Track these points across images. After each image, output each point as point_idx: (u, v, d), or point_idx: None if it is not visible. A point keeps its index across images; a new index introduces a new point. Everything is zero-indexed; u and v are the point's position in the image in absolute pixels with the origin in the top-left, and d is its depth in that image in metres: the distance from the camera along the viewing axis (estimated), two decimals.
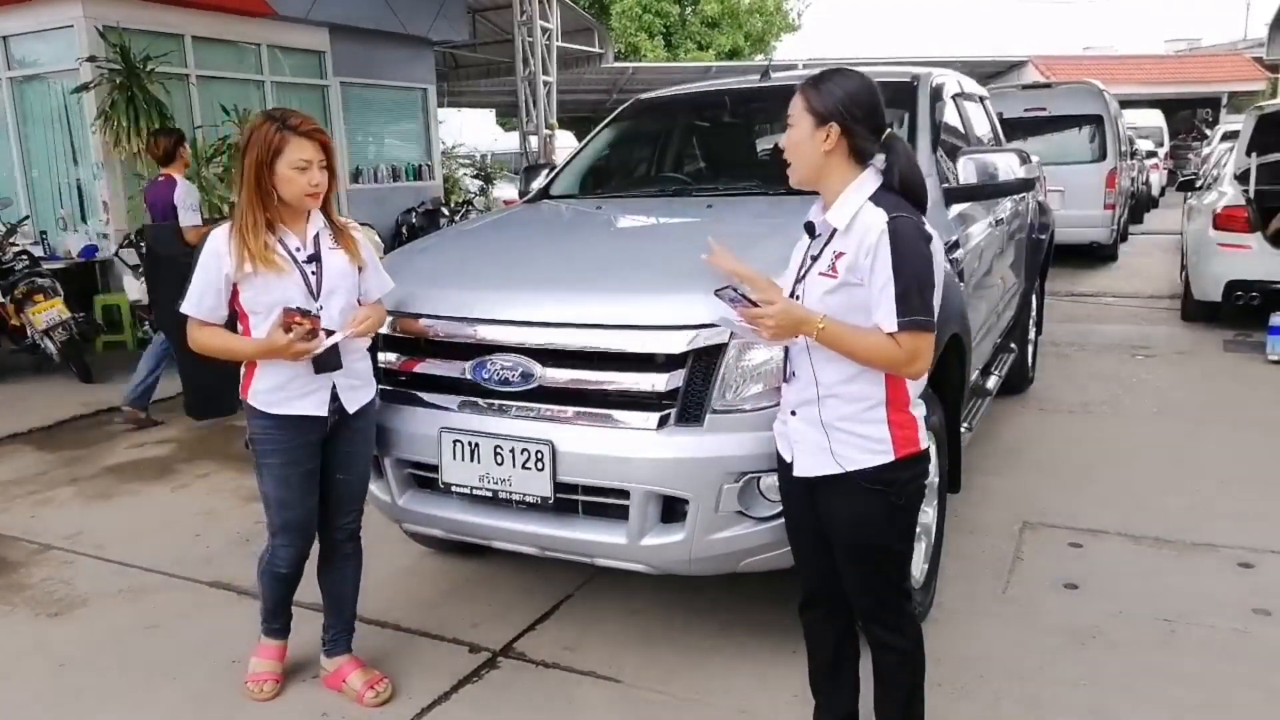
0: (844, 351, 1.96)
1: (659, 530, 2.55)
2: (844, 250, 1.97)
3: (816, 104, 2.00)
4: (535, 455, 2.58)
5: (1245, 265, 7.01)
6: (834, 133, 1.98)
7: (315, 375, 2.53)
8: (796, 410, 2.10)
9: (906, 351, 1.92)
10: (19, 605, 3.49)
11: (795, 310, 1.95)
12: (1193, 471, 4.39)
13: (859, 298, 1.95)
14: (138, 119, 7.98)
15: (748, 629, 3.08)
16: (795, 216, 3.14)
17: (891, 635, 2.18)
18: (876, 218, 1.93)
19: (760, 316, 1.94)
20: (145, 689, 2.88)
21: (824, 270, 2.00)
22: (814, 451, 2.07)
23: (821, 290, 1.99)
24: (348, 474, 2.70)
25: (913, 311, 1.90)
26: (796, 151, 2.04)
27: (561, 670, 2.90)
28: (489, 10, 14.48)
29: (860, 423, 2.01)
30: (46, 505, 4.54)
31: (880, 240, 1.91)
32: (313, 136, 2.47)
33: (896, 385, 2.01)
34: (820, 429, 2.05)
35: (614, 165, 4.47)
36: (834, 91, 2.00)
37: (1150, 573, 3.40)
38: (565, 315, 2.62)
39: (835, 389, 2.02)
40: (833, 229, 2.02)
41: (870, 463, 2.01)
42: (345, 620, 2.86)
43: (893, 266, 1.89)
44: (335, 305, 2.55)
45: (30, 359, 7.26)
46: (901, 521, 2.10)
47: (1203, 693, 2.66)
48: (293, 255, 2.52)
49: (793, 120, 2.04)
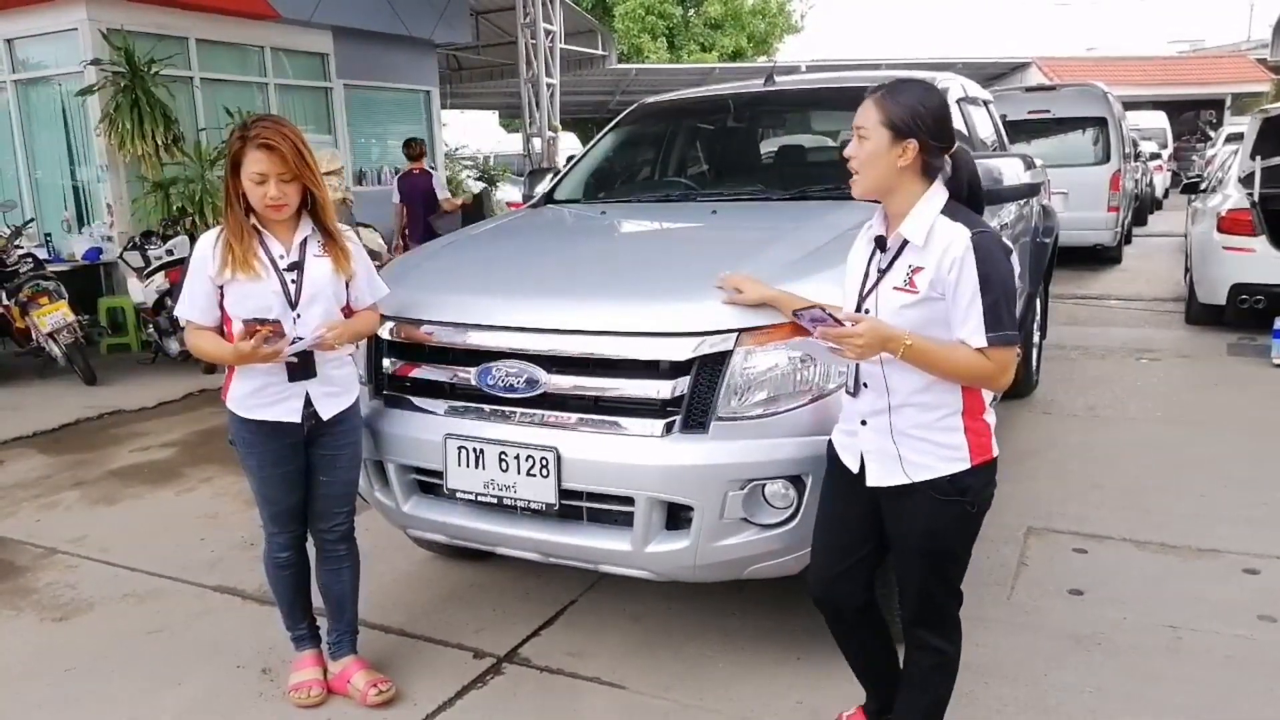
0: (929, 368, 1.95)
1: (663, 537, 2.55)
2: (922, 265, 1.96)
3: (896, 118, 1.96)
4: (540, 462, 2.58)
5: (1250, 268, 7.00)
6: (911, 148, 1.97)
7: (289, 383, 2.54)
8: (867, 420, 2.10)
9: (997, 365, 1.93)
10: (25, 609, 3.50)
11: (882, 328, 1.93)
12: (1198, 476, 4.38)
13: (939, 311, 1.96)
14: (142, 122, 8.03)
15: (751, 636, 3.08)
16: (799, 222, 3.17)
17: (936, 638, 2.19)
18: (957, 232, 1.93)
19: (849, 336, 1.91)
20: (151, 693, 2.89)
21: (899, 285, 1.99)
22: (887, 461, 2.07)
23: (899, 304, 1.98)
24: (330, 476, 2.71)
25: (1002, 326, 1.91)
26: (870, 164, 2.00)
27: (566, 676, 2.91)
28: (492, 12, 14.51)
29: (937, 430, 2.02)
30: (52, 509, 4.55)
31: (965, 255, 1.90)
32: (267, 148, 2.40)
33: (973, 394, 2.02)
34: (892, 439, 2.05)
35: (618, 170, 4.48)
36: (913, 105, 1.97)
37: (1155, 578, 3.40)
38: (570, 322, 2.62)
39: (911, 398, 2.02)
40: (902, 242, 2.01)
41: (946, 470, 2.01)
42: (347, 622, 2.87)
43: (979, 281, 1.89)
44: (315, 313, 2.55)
45: (35, 362, 7.29)
46: (971, 528, 2.11)
47: (1208, 699, 2.66)
48: (274, 262, 2.52)
49: (866, 132, 1.99)
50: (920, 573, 2.14)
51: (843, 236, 2.91)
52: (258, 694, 2.87)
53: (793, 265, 2.67)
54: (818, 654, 2.95)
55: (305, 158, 2.47)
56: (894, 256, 2.02)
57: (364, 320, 2.71)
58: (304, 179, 2.49)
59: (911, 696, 2.26)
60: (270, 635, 3.11)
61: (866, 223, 2.18)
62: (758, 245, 2.95)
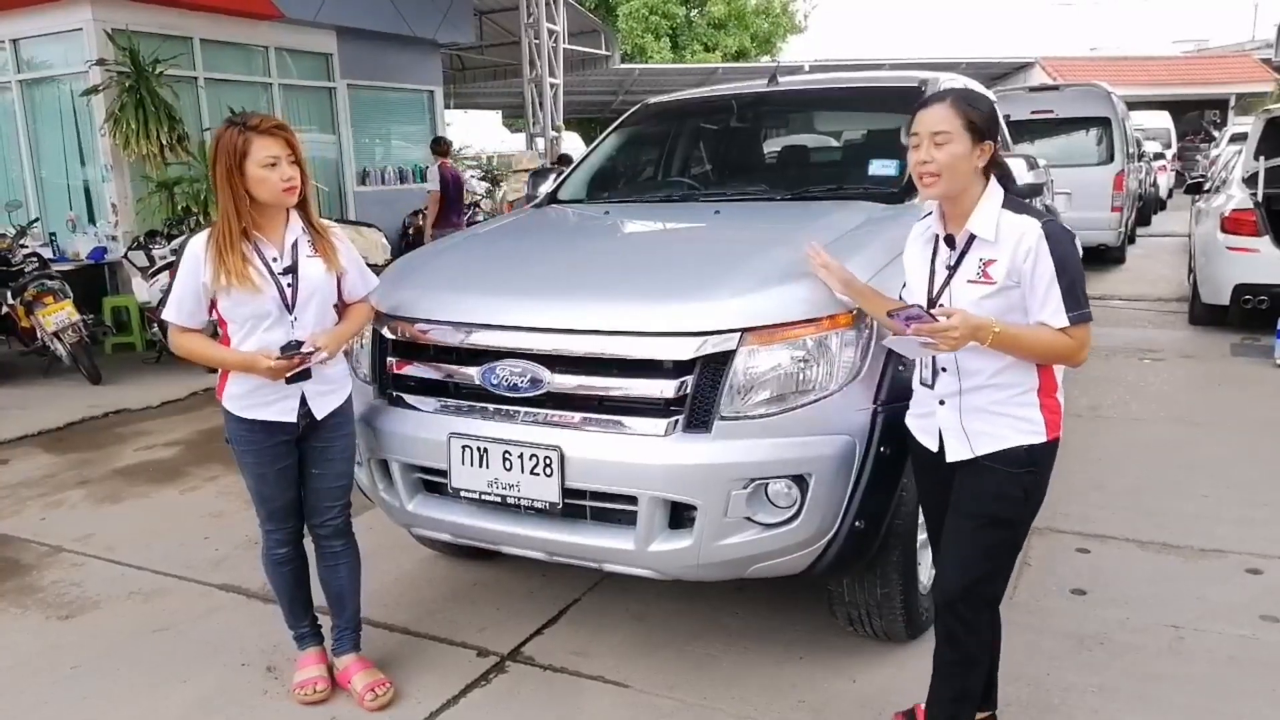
0: (1016, 351, 2.08)
1: (667, 536, 2.55)
2: (994, 257, 2.08)
3: (978, 120, 2.08)
4: (543, 461, 2.59)
5: (1254, 269, 6.99)
6: (988, 149, 2.10)
7: (286, 385, 2.57)
8: (945, 400, 2.21)
9: (1078, 342, 2.06)
10: (31, 607, 3.51)
11: (972, 318, 2.02)
12: (1201, 476, 4.38)
13: (1015, 299, 2.08)
14: (146, 121, 8.05)
15: (754, 635, 3.08)
16: (802, 222, 3.17)
17: (964, 625, 2.23)
18: (1028, 223, 2.05)
19: (944, 329, 2.01)
20: (156, 691, 2.90)
21: (973, 277, 2.11)
22: (965, 436, 2.18)
23: (976, 296, 2.09)
24: (322, 469, 2.73)
25: (1079, 305, 2.04)
26: (953, 167, 2.08)
27: (569, 675, 2.92)
28: (495, 12, 14.53)
29: (1015, 405, 2.13)
30: (57, 508, 4.57)
31: (1039, 244, 2.03)
32: (274, 133, 2.47)
33: (1047, 372, 2.14)
34: (974, 414, 2.16)
35: (621, 170, 4.48)
36: (987, 109, 2.11)
37: (1158, 578, 3.40)
38: (573, 321, 2.63)
39: (991, 379, 2.14)
40: (968, 239, 2.12)
41: (1024, 441, 2.13)
42: (348, 619, 2.88)
43: (1054, 267, 2.03)
44: (311, 314, 2.59)
45: (40, 361, 7.30)
46: (1034, 503, 2.21)
47: (1210, 699, 2.66)
48: (269, 267, 2.53)
49: (949, 136, 2.07)
50: (970, 538, 2.19)
51: (845, 237, 2.93)
52: (262, 691, 2.88)
53: (796, 265, 2.67)
54: (820, 653, 2.96)
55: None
56: (963, 252, 2.13)
57: (358, 316, 2.74)
58: (302, 165, 2.54)
59: (939, 688, 2.31)
60: (275, 633, 3.12)
61: (916, 226, 2.30)
62: (761, 245, 2.95)
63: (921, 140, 2.10)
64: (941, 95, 2.12)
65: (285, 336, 2.53)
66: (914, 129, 2.14)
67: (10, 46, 8.92)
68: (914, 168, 2.14)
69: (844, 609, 2.89)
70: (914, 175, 2.17)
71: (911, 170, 2.17)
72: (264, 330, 2.53)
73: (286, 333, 2.53)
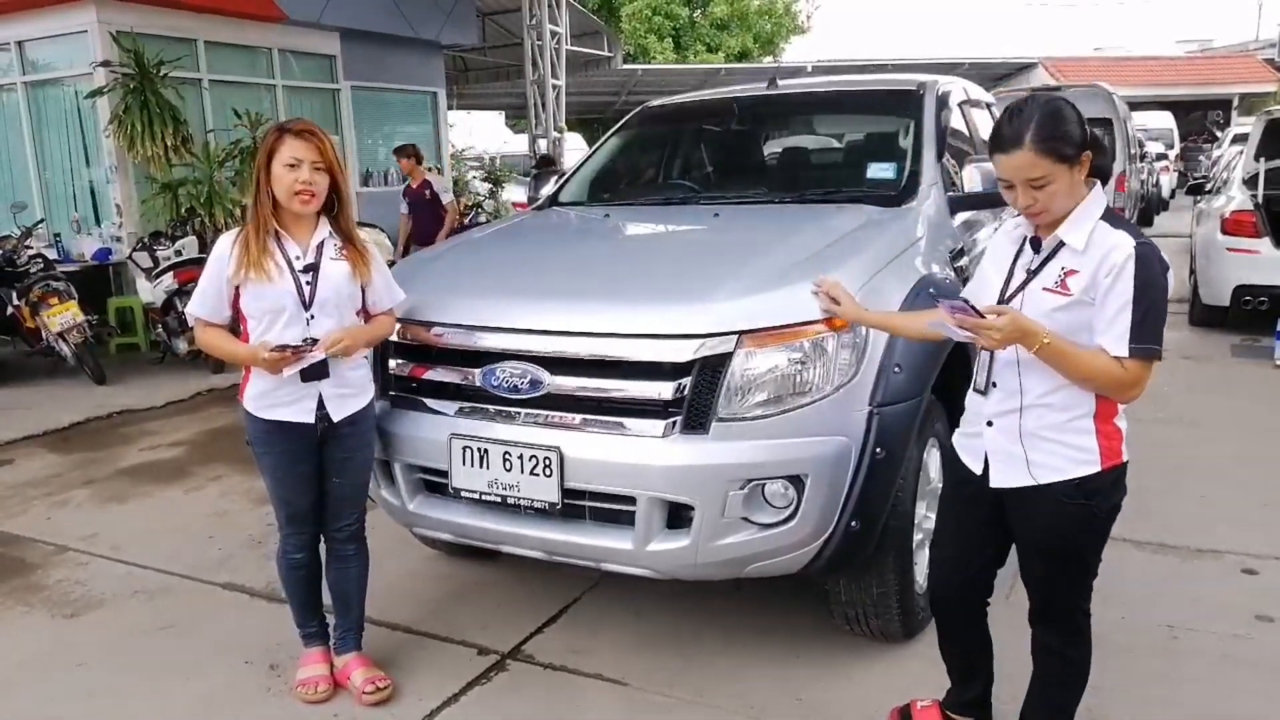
0: (1062, 368, 1.95)
1: (664, 536, 2.58)
2: (1077, 269, 1.96)
3: (1062, 148, 1.92)
4: (543, 461, 2.62)
5: (1254, 270, 7.01)
6: (1086, 160, 1.96)
7: (302, 384, 2.59)
8: (994, 421, 2.11)
9: (1131, 377, 1.92)
10: (37, 606, 3.55)
11: (1023, 321, 1.92)
12: (1199, 477, 4.40)
13: (1087, 316, 1.95)
14: (151, 123, 8.08)
15: (752, 633, 3.11)
16: (801, 225, 3.20)
17: (1057, 642, 2.20)
18: (1121, 239, 1.92)
19: (985, 327, 1.92)
20: (161, 689, 2.93)
21: (1050, 286, 1.99)
22: (1013, 461, 2.08)
23: (1050, 306, 1.98)
24: (343, 478, 2.75)
25: (1147, 339, 1.89)
26: (1060, 199, 1.96)
27: (569, 673, 2.94)
28: (498, 14, 14.56)
29: (1068, 432, 2.02)
30: (62, 507, 4.60)
31: (1126, 263, 1.89)
32: (303, 136, 2.53)
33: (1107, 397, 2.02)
34: (1019, 440, 2.06)
35: (621, 173, 4.51)
36: (1072, 129, 1.94)
37: (1154, 578, 3.42)
38: (573, 324, 2.66)
39: (1043, 399, 2.03)
40: (1056, 245, 2.00)
41: (1075, 473, 2.01)
42: (352, 619, 2.91)
43: (1134, 292, 1.89)
44: (328, 315, 2.60)
45: (45, 361, 7.35)
46: (1099, 531, 2.11)
47: (1205, 698, 2.69)
48: (290, 263, 2.57)
49: (1046, 179, 1.93)
50: (1043, 573, 2.15)
51: (844, 239, 2.96)
52: (265, 689, 2.91)
53: (794, 268, 2.70)
54: (817, 651, 2.99)
55: (335, 153, 2.59)
56: (1046, 258, 2.02)
57: (379, 325, 2.76)
58: (333, 174, 2.57)
59: (1036, 704, 2.28)
60: (278, 632, 3.16)
61: (1010, 221, 2.20)
62: (759, 248, 2.98)
63: (1016, 185, 1.96)
64: (1016, 135, 1.93)
65: (301, 334, 2.56)
66: (1000, 174, 1.99)
67: (16, 48, 8.97)
68: (1016, 207, 2.02)
69: (841, 608, 2.92)
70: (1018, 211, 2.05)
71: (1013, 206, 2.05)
72: (281, 326, 2.56)
73: (302, 330, 2.56)
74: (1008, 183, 1.99)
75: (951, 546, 2.36)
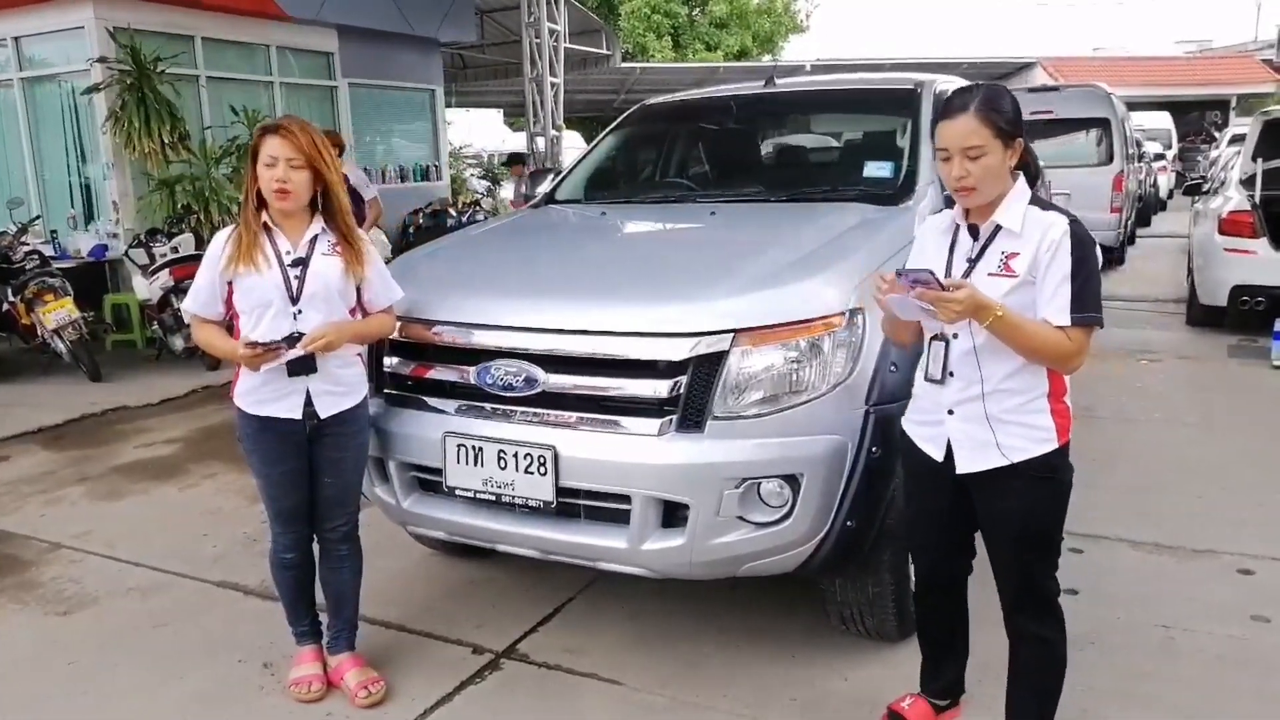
0: (1013, 341, 2.03)
1: (660, 535, 2.57)
2: (1017, 251, 2.07)
3: (1005, 125, 2.05)
4: (538, 460, 2.61)
5: (1251, 270, 7.01)
6: (1018, 146, 2.08)
7: (289, 379, 2.58)
8: (954, 409, 2.17)
9: (1075, 346, 2.03)
10: (29, 603, 3.53)
11: (979, 296, 2.00)
12: (1195, 477, 4.40)
13: (1030, 297, 2.06)
14: (148, 120, 8.07)
15: (746, 634, 3.10)
16: (797, 223, 3.20)
17: (1037, 626, 2.26)
18: (1056, 218, 2.05)
19: (947, 300, 1.98)
20: (154, 686, 2.92)
21: (995, 270, 2.09)
22: (979, 447, 2.15)
23: (999, 291, 2.05)
24: (333, 478, 2.73)
25: (1086, 308, 2.02)
26: (991, 176, 2.06)
27: (563, 672, 2.94)
28: (497, 11, 14.52)
29: (1027, 413, 2.11)
30: (56, 504, 4.59)
31: (1063, 240, 2.02)
32: (280, 134, 2.51)
33: (1057, 377, 2.13)
34: (986, 424, 2.13)
35: (619, 171, 4.50)
36: (1011, 108, 2.07)
37: (1150, 579, 3.42)
38: (568, 322, 2.65)
39: (1002, 384, 2.11)
40: (992, 231, 2.11)
41: (1038, 451, 2.11)
42: (345, 619, 2.90)
43: (1072, 265, 2.01)
44: (316, 310, 2.58)
45: (40, 358, 7.33)
46: (1062, 507, 2.20)
47: (1200, 698, 2.68)
48: (279, 257, 2.56)
49: (982, 149, 2.03)
50: (1018, 556, 2.22)
51: (840, 238, 2.95)
52: (259, 688, 2.90)
53: (790, 266, 2.69)
54: (812, 651, 2.98)
55: (320, 150, 2.55)
56: (984, 245, 2.12)
57: (374, 322, 2.74)
58: (318, 170, 2.55)
59: (1022, 694, 2.32)
60: (271, 630, 3.15)
61: (933, 217, 2.31)
62: (755, 246, 2.97)
63: (952, 155, 2.06)
64: (963, 104, 2.05)
65: (289, 328, 2.55)
66: (941, 143, 2.08)
67: (12, 44, 8.94)
68: (949, 181, 2.10)
69: (836, 608, 2.91)
70: (949, 188, 2.13)
71: (946, 183, 2.14)
72: (269, 320, 2.55)
73: (289, 325, 2.55)
74: (945, 154, 2.08)
75: (923, 534, 2.42)
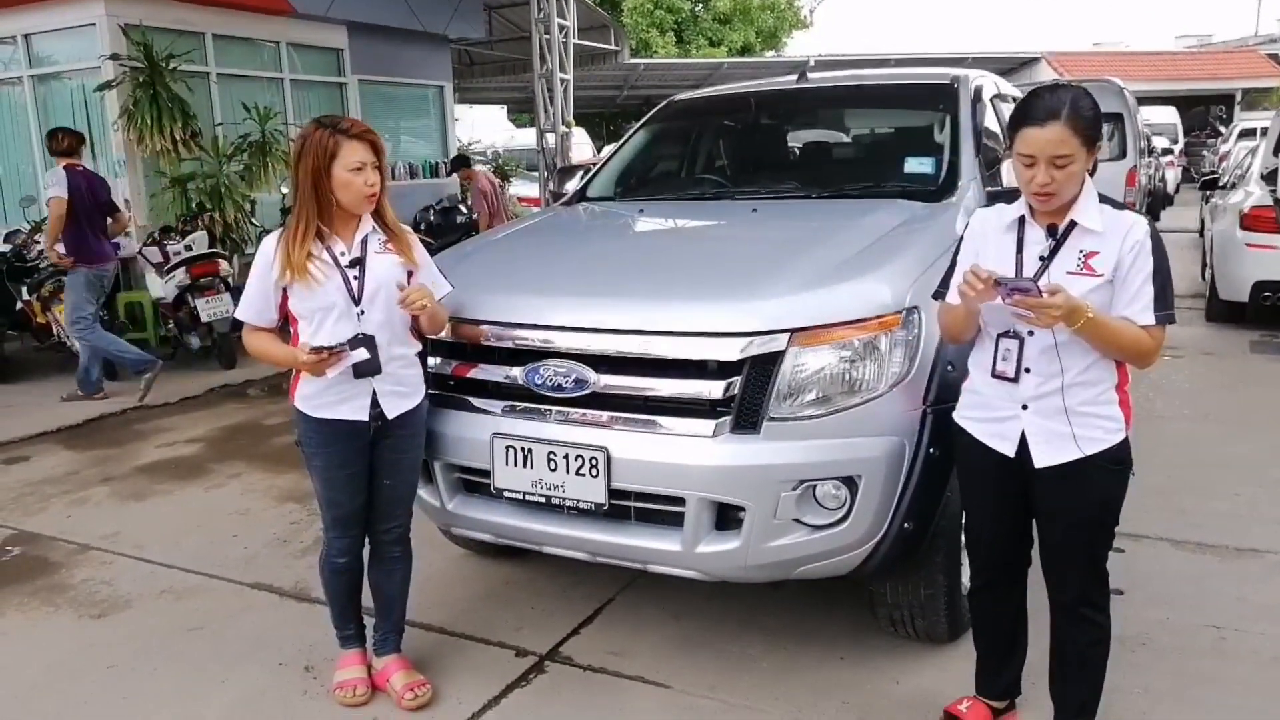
0: (1098, 339, 2.06)
1: (714, 537, 2.54)
2: (1097, 249, 2.08)
3: (1090, 131, 2.03)
4: (589, 461, 2.57)
5: (1273, 266, 6.99)
6: (1098, 149, 2.08)
7: (355, 380, 2.54)
8: (1030, 404, 2.18)
9: (1155, 342, 2.08)
10: (63, 606, 3.50)
11: (1075, 300, 2.00)
12: (1230, 475, 4.36)
13: (1108, 294, 2.08)
14: (160, 117, 8.01)
15: (793, 635, 3.07)
16: (843, 221, 3.15)
17: (1097, 613, 2.28)
18: (1136, 220, 2.08)
19: (1047, 306, 1.97)
20: (196, 691, 2.89)
21: (1073, 269, 2.09)
22: (1056, 440, 2.16)
23: (1078, 290, 2.05)
24: (393, 479, 2.71)
25: (1166, 307, 2.07)
26: (1073, 182, 2.07)
27: (609, 675, 2.90)
28: (505, 7, 14.44)
29: (1100, 404, 2.15)
30: (82, 505, 4.55)
31: (1145, 241, 2.06)
32: (364, 138, 2.50)
33: (1123, 368, 2.18)
34: (1064, 417, 2.15)
35: (651, 168, 4.46)
36: (1094, 114, 2.05)
37: (1195, 578, 3.38)
38: (618, 322, 2.61)
39: (1079, 377, 2.13)
40: (1066, 229, 2.10)
41: (1111, 441, 2.15)
42: (394, 622, 2.87)
43: (1154, 265, 2.06)
44: (379, 308, 2.55)
45: (55, 357, 7.29)
46: (1123, 497, 2.23)
47: (1260, 700, 2.65)
48: (336, 260, 2.53)
49: (1070, 159, 2.02)
50: (1090, 545, 2.23)
51: (889, 235, 2.91)
52: (302, 692, 2.87)
53: (843, 265, 2.66)
54: (861, 653, 2.95)
55: None
56: (1058, 244, 2.12)
57: (440, 307, 2.68)
58: (383, 169, 2.56)
59: (1077, 687, 2.34)
60: (311, 633, 3.12)
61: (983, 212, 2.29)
62: (804, 244, 2.93)
63: (1038, 162, 2.02)
64: (1051, 110, 2.01)
65: (352, 330, 2.51)
66: (1026, 149, 2.04)
67: (23, 42, 8.88)
68: (1028, 186, 2.07)
69: (886, 610, 2.87)
70: (1025, 193, 2.11)
71: (1022, 188, 2.11)
72: (332, 323, 2.51)
73: (354, 326, 2.51)
74: (1030, 160, 2.04)
75: (984, 527, 2.40)
